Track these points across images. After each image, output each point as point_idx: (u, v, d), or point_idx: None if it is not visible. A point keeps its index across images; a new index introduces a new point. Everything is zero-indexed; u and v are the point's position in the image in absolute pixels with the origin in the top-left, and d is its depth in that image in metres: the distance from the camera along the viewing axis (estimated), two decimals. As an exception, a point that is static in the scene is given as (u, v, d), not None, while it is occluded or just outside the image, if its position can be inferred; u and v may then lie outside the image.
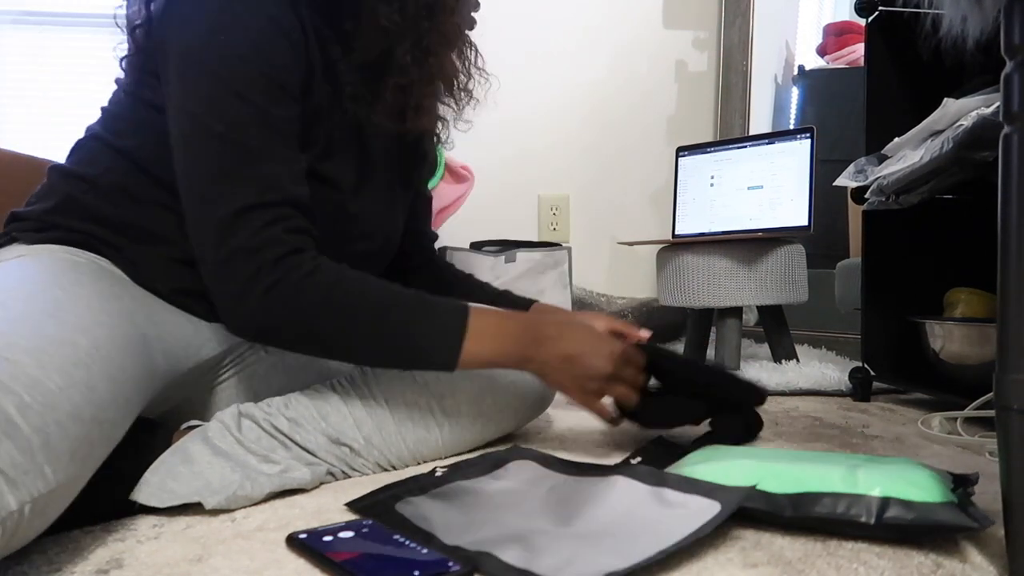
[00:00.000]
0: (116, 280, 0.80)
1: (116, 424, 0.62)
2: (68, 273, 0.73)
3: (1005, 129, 0.57)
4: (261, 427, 0.80)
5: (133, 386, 0.66)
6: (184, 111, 0.77)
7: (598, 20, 2.28)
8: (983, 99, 1.06)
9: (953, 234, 1.41)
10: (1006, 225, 0.56)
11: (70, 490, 0.56)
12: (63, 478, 0.54)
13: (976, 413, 1.08)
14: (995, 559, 0.59)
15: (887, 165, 1.28)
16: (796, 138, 1.71)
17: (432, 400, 0.89)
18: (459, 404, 0.91)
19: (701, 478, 0.69)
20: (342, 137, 0.88)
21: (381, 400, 0.87)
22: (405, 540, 0.60)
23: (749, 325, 2.07)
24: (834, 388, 1.46)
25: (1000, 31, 0.57)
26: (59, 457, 0.53)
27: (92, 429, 0.57)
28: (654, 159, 2.29)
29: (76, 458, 0.55)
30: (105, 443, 0.60)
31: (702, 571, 0.57)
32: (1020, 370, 0.55)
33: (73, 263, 0.77)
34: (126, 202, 0.83)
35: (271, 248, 0.76)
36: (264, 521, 0.69)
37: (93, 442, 0.58)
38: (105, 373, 0.61)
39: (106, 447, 0.61)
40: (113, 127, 0.85)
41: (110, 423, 0.61)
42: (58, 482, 0.53)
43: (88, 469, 0.58)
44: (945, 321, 1.28)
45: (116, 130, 0.85)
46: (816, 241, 1.77)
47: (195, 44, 0.77)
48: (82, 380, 0.58)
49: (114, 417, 0.61)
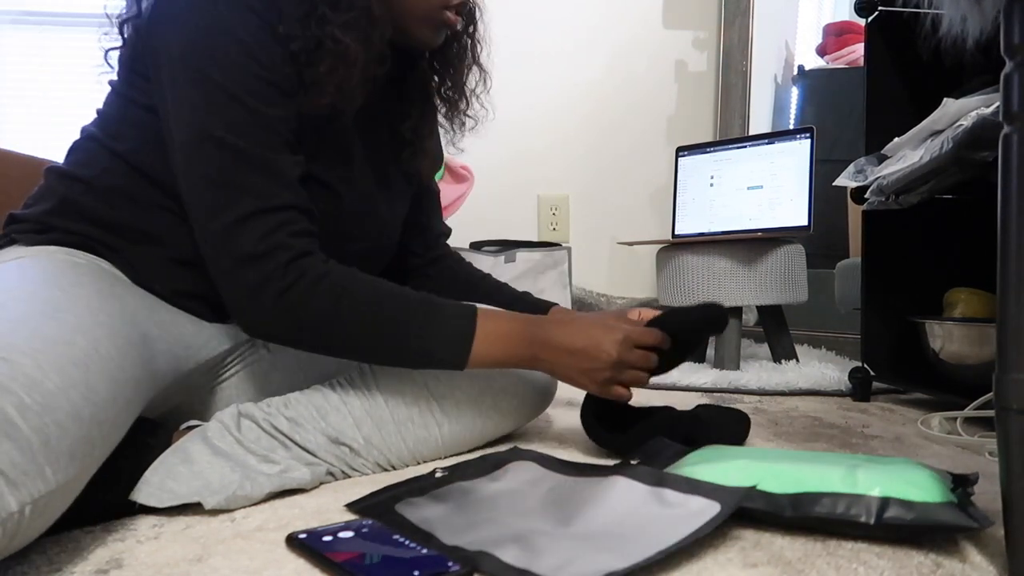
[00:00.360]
0: (116, 281, 0.80)
1: (116, 424, 0.62)
2: (67, 274, 0.73)
3: (1005, 129, 0.57)
4: (261, 427, 0.80)
5: (133, 386, 0.66)
6: (180, 119, 0.77)
7: (598, 20, 2.28)
8: (983, 99, 1.06)
9: (953, 234, 1.41)
10: (1006, 225, 0.56)
11: (70, 490, 0.56)
12: (63, 478, 0.54)
13: (976, 413, 1.08)
14: (995, 559, 0.59)
15: (887, 165, 1.28)
16: (796, 138, 1.71)
17: (432, 400, 0.89)
18: (459, 404, 0.91)
19: (701, 478, 0.69)
20: (328, 133, 0.88)
21: (381, 400, 0.87)
22: (405, 540, 0.60)
23: (749, 325, 2.07)
24: (834, 388, 1.46)
25: (1000, 31, 0.57)
26: (59, 457, 0.53)
27: (92, 429, 0.57)
28: (654, 159, 2.29)
29: (76, 458, 0.55)
30: (105, 443, 0.60)
31: (702, 571, 0.57)
32: (1020, 370, 0.55)
33: (73, 264, 0.77)
34: (123, 203, 0.83)
35: (278, 253, 0.76)
36: (264, 521, 0.69)
37: (93, 442, 0.58)
38: (104, 373, 0.61)
39: (106, 447, 0.61)
40: (108, 128, 0.85)
41: (110, 423, 0.61)
42: (58, 483, 0.53)
43: (88, 469, 0.58)
44: (945, 321, 1.29)
45: (111, 131, 0.85)
46: (816, 241, 1.78)
47: (184, 49, 0.76)
48: (81, 380, 0.58)
49: (114, 417, 0.61)
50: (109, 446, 0.62)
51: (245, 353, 0.94)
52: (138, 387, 0.68)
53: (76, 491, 0.57)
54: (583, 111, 2.28)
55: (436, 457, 0.91)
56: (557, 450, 0.96)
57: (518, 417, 0.99)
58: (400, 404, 0.88)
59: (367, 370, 0.89)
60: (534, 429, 1.10)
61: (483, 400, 0.93)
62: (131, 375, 0.66)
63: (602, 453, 0.95)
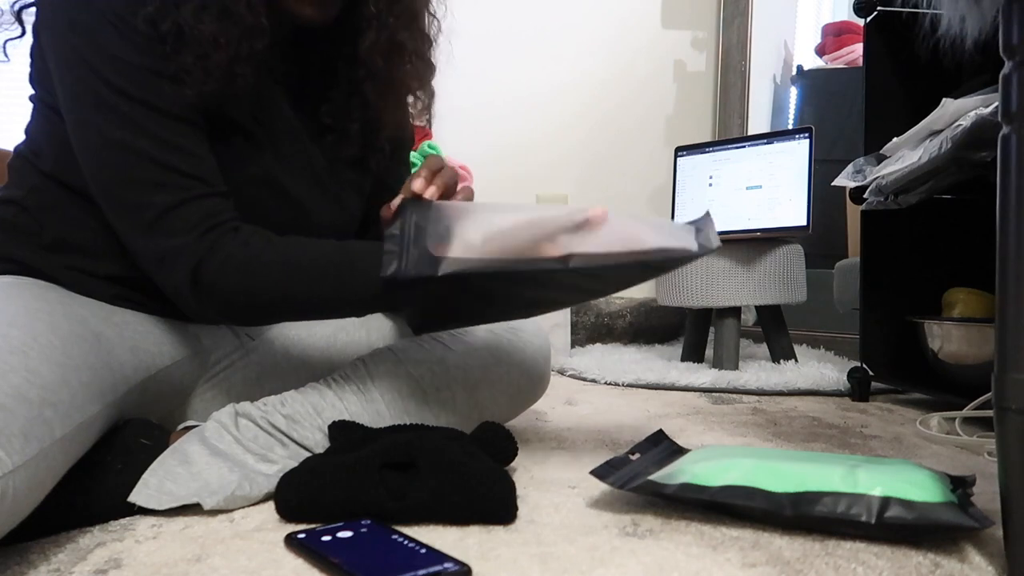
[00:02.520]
0: (63, 294, 0.79)
1: (78, 407, 0.62)
2: (5, 289, 0.73)
3: (1003, 129, 0.57)
4: (258, 425, 0.80)
5: (88, 373, 0.66)
6: (78, 121, 0.75)
7: (596, 20, 2.28)
8: (981, 99, 1.06)
9: (951, 234, 1.41)
10: (1005, 225, 0.56)
11: (39, 471, 0.56)
12: (20, 459, 0.54)
13: (974, 413, 1.08)
14: (993, 559, 0.59)
15: (885, 165, 1.28)
16: (794, 138, 1.71)
17: (427, 392, 0.89)
18: (454, 395, 0.91)
19: (701, 478, 0.68)
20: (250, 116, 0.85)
21: (376, 395, 0.87)
22: (403, 540, 0.60)
23: (747, 325, 2.07)
24: (832, 388, 1.46)
25: (998, 31, 0.57)
26: (11, 439, 0.54)
27: (45, 410, 0.58)
28: (652, 159, 2.29)
29: (32, 439, 0.56)
30: (66, 424, 0.60)
31: (700, 571, 0.57)
32: (1019, 370, 0.55)
33: (14, 282, 0.77)
34: (55, 220, 0.81)
35: (197, 244, 0.75)
36: (263, 521, 0.69)
37: (50, 424, 0.58)
38: (46, 358, 0.61)
39: (73, 429, 0.61)
40: (31, 142, 0.84)
41: (66, 405, 0.61)
42: (15, 463, 0.54)
43: (56, 451, 0.58)
44: (943, 321, 1.29)
45: (33, 146, 0.83)
46: (814, 241, 1.78)
47: (67, 46, 0.75)
48: (20, 365, 0.59)
49: (70, 399, 0.61)
50: (81, 430, 0.62)
51: (233, 355, 0.94)
52: (96, 375, 0.68)
53: (49, 472, 0.58)
54: (582, 111, 2.28)
55: None
56: (556, 450, 0.97)
57: (515, 405, 0.99)
58: (396, 398, 0.88)
59: (361, 366, 0.90)
60: (533, 429, 1.10)
61: (479, 390, 0.93)
62: (82, 362, 0.66)
63: (602, 453, 0.95)
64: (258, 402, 0.84)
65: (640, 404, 1.35)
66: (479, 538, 0.64)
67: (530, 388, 1.00)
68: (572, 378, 1.70)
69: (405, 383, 0.89)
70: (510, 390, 0.97)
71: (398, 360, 0.90)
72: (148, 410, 0.82)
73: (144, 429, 0.76)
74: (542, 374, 1.01)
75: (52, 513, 0.65)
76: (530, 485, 0.80)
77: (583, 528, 0.66)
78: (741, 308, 1.67)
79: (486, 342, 0.96)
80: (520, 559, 0.59)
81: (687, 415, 1.23)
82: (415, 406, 0.88)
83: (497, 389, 0.95)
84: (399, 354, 0.90)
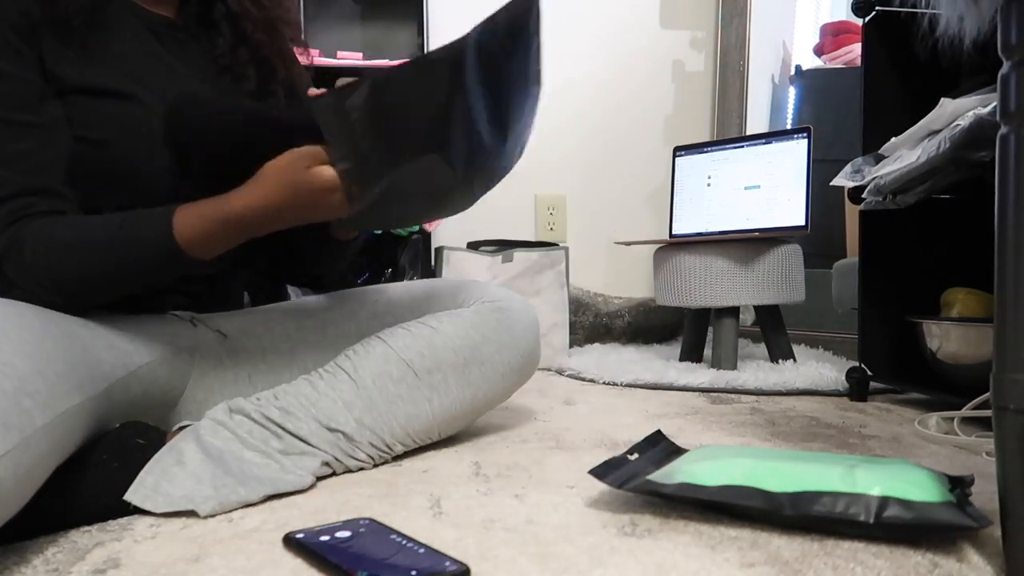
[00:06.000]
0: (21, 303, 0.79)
1: (57, 396, 0.62)
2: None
3: (1002, 129, 0.57)
4: (252, 419, 0.81)
5: (65, 365, 0.66)
6: None
7: (595, 20, 2.28)
8: (980, 99, 1.06)
9: (950, 234, 1.41)
10: (1003, 225, 0.56)
11: (23, 461, 0.56)
12: (2, 449, 0.54)
13: (973, 413, 1.08)
14: (992, 559, 0.59)
15: (884, 165, 1.28)
16: (793, 138, 1.71)
17: (419, 376, 0.90)
18: (445, 377, 0.92)
19: (699, 477, 0.68)
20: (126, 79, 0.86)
21: (368, 382, 0.87)
22: (402, 539, 0.60)
23: (746, 325, 2.07)
24: (831, 388, 1.46)
25: (997, 31, 0.57)
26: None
27: (22, 400, 0.58)
28: (651, 159, 2.29)
29: (12, 428, 0.55)
30: (47, 413, 0.60)
31: (699, 571, 0.57)
32: (1017, 370, 0.55)
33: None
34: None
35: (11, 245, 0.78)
36: (261, 521, 0.69)
37: (30, 413, 0.58)
38: (18, 352, 0.61)
39: (51, 417, 0.60)
40: None
41: (44, 394, 0.60)
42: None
43: (40, 441, 0.58)
44: (942, 321, 1.29)
45: None
46: (813, 241, 1.78)
47: None
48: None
49: (47, 390, 0.61)
50: (65, 419, 0.62)
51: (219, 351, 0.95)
52: (73, 368, 0.67)
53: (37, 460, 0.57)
54: (580, 111, 2.28)
55: (429, 432, 0.92)
56: (555, 449, 0.97)
57: (507, 384, 1.00)
58: (387, 383, 0.88)
59: (351, 355, 0.90)
60: (531, 429, 1.10)
61: (470, 371, 0.94)
62: (57, 355, 0.65)
63: (601, 453, 0.95)
64: (251, 398, 0.84)
65: (639, 404, 1.35)
66: (478, 538, 0.64)
67: (521, 366, 1.01)
68: (570, 378, 1.70)
69: (395, 368, 0.89)
70: (502, 368, 0.98)
71: (387, 346, 0.91)
72: (141, 415, 0.82)
73: (140, 430, 0.76)
74: (532, 350, 1.02)
75: (49, 512, 0.65)
76: (529, 485, 0.80)
77: (582, 528, 0.66)
78: (739, 308, 1.67)
79: (474, 323, 0.96)
80: (519, 559, 0.59)
81: (685, 415, 1.23)
82: (407, 389, 0.89)
83: (488, 368, 0.96)
84: (387, 340, 0.91)
